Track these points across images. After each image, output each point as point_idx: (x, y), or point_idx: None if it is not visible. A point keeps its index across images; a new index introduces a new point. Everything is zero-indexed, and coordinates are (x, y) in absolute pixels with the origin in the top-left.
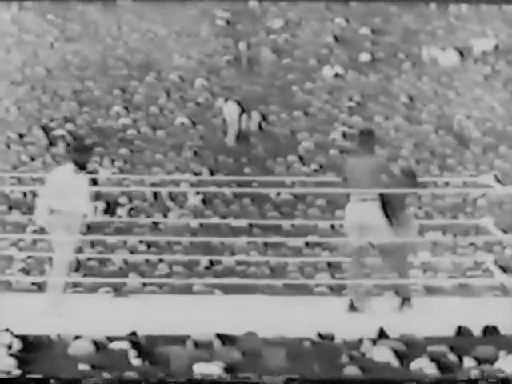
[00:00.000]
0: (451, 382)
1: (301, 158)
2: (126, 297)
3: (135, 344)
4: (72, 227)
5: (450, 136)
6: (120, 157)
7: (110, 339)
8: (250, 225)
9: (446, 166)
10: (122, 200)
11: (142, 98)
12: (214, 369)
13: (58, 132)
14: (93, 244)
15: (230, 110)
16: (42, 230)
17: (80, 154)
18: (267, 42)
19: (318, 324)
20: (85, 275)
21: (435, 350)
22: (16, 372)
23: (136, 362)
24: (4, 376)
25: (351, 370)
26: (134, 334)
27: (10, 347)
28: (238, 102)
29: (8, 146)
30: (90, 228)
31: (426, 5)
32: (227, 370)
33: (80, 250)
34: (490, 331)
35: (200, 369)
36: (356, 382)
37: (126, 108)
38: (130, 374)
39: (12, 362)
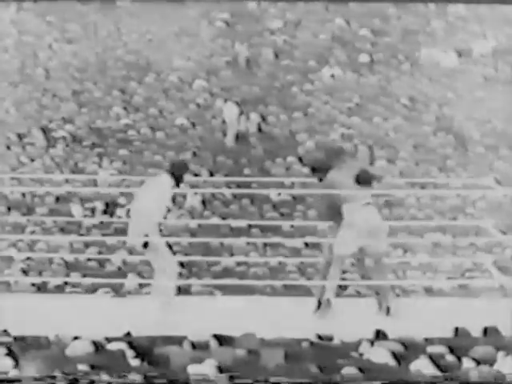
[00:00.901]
0: (450, 382)
1: (300, 159)
2: (124, 297)
3: (133, 345)
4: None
5: (449, 137)
6: (119, 158)
7: (109, 340)
8: (250, 225)
9: (445, 168)
10: (122, 201)
11: (142, 99)
12: (212, 370)
13: (58, 133)
14: (92, 244)
15: (230, 111)
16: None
17: (178, 170)
18: (266, 43)
19: (316, 325)
20: (84, 276)
21: (434, 351)
22: (13, 372)
23: (134, 362)
24: (2, 376)
25: (349, 371)
26: (132, 334)
27: (7, 348)
28: (238, 103)
29: (7, 147)
30: (88, 229)
31: (425, 5)
32: (225, 370)
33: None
34: (489, 332)
35: (197, 370)
36: (354, 383)
37: (126, 109)
38: (128, 375)
39: (10, 362)
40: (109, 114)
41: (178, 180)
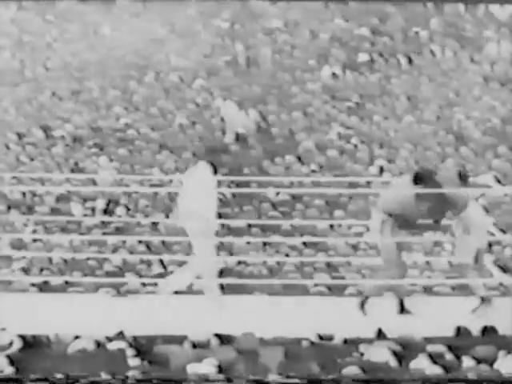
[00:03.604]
0: (450, 381)
1: (299, 159)
2: (125, 297)
3: (134, 344)
4: (207, 229)
5: (448, 136)
6: (119, 157)
7: (109, 339)
8: (249, 225)
9: (444, 166)
10: (122, 200)
11: (141, 99)
12: (212, 369)
13: (58, 132)
14: (92, 243)
15: (229, 110)
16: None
17: (213, 156)
18: (266, 43)
19: (316, 324)
20: (84, 275)
21: (434, 350)
22: (8, 371)
23: (134, 361)
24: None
25: (350, 371)
26: (132, 333)
27: (6, 347)
28: (237, 102)
29: (7, 147)
30: (88, 228)
31: (424, 5)
32: (225, 370)
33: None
34: (489, 331)
35: (197, 369)
36: (354, 382)
37: (126, 108)
38: (129, 374)
39: (5, 361)
40: (109, 114)
41: (214, 166)
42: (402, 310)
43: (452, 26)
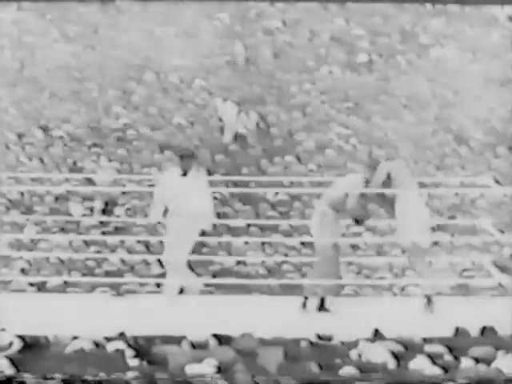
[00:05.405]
0: (449, 382)
1: (298, 158)
2: (123, 297)
3: (133, 344)
4: (190, 228)
5: (448, 136)
6: (118, 157)
7: (108, 339)
8: (248, 225)
9: (443, 166)
10: (121, 200)
11: (141, 99)
12: (210, 369)
13: (57, 133)
14: (90, 243)
15: (228, 110)
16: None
17: (185, 161)
18: (265, 43)
19: (315, 325)
20: (83, 275)
21: (433, 351)
22: (9, 372)
23: (133, 362)
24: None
25: (348, 371)
26: (131, 334)
27: (6, 348)
28: (236, 102)
29: (6, 147)
30: (88, 228)
31: (423, 5)
32: (223, 370)
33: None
34: (487, 331)
35: (196, 369)
36: (353, 382)
37: (125, 108)
38: (128, 374)
39: (5, 362)
40: (108, 114)
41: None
42: (322, 307)
43: (452, 26)
